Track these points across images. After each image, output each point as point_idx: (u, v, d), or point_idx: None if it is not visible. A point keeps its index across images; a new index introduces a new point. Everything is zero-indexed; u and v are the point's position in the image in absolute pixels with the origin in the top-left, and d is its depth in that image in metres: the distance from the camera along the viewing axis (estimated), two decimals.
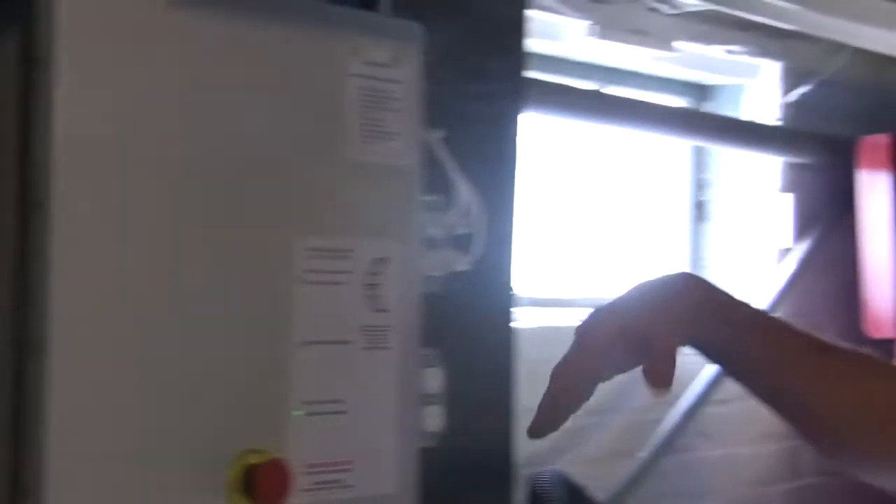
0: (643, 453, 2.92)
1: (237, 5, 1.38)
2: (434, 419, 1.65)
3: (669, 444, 2.96)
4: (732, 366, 1.45)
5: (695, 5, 2.75)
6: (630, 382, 1.68)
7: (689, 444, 3.03)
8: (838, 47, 3.18)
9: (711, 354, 1.46)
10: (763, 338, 1.44)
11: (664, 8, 2.93)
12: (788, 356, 1.43)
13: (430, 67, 1.57)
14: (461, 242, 1.72)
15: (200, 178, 1.34)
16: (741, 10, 2.60)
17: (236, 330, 1.36)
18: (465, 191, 1.70)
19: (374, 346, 1.47)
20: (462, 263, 1.71)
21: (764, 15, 2.63)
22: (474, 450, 1.83)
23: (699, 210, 3.48)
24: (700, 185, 3.49)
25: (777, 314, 3.33)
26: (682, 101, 3.43)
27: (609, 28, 2.85)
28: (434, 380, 1.65)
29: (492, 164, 1.89)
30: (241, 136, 1.37)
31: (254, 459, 1.36)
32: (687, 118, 3.26)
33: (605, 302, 1.39)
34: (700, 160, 3.48)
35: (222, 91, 1.36)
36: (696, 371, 2.99)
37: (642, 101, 3.14)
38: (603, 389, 2.54)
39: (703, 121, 3.30)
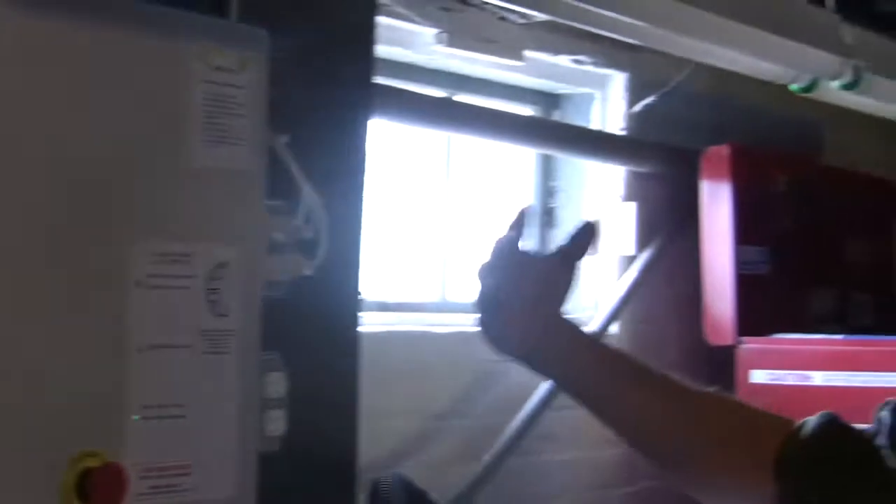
0: (486, 457, 2.95)
1: (81, 8, 1.37)
2: (276, 423, 1.65)
3: (512, 448, 2.99)
4: (576, 389, 1.50)
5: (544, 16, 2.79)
6: (473, 388, 1.71)
7: (531, 447, 3.07)
8: (683, 60, 3.25)
9: (560, 376, 1.51)
10: (605, 364, 1.50)
11: (514, 17, 2.96)
12: (633, 383, 1.49)
13: (279, 73, 1.57)
14: (307, 247, 1.72)
15: (36, 181, 1.33)
16: (589, 24, 2.64)
17: (74, 333, 1.35)
18: (309, 195, 1.71)
19: (214, 351, 1.47)
20: (307, 268, 1.72)
21: (611, 30, 2.67)
22: (317, 454, 1.83)
23: (548, 216, 3.52)
24: (549, 192, 3.53)
25: (620, 320, 3.39)
26: (532, 110, 3.47)
27: (459, 36, 2.88)
28: (277, 384, 1.65)
29: (340, 169, 1.89)
30: (81, 138, 1.36)
31: (90, 463, 1.35)
32: (534, 127, 3.30)
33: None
34: (548, 167, 3.52)
35: (63, 93, 1.35)
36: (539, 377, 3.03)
37: (491, 109, 3.17)
38: (446, 395, 2.61)
39: (550, 130, 3.35)
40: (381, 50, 2.72)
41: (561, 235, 3.48)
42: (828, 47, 3.05)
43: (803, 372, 3.24)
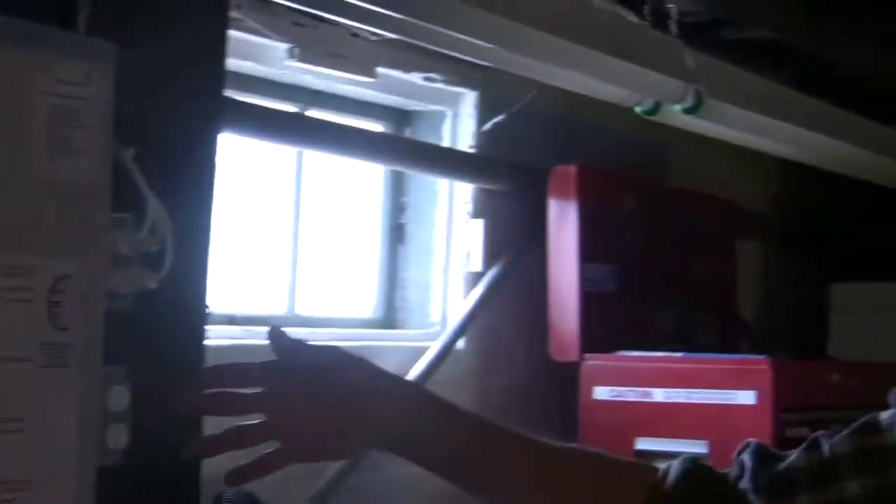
0: (330, 472, 2.95)
1: None
2: (119, 436, 1.64)
3: (357, 463, 2.99)
4: (441, 468, 1.50)
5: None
6: None
7: (376, 462, 3.07)
8: (533, 80, 3.29)
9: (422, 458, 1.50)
10: (467, 436, 1.50)
11: (367, 34, 2.98)
12: (498, 453, 1.49)
13: (128, 85, 1.57)
14: (152, 260, 1.72)
15: None
16: (437, 45, 2.66)
17: None
18: (155, 208, 1.70)
19: (55, 364, 1.46)
20: (151, 281, 1.71)
21: (460, 51, 2.70)
22: (161, 467, 1.82)
23: (398, 233, 3.54)
24: (399, 208, 3.55)
25: (466, 336, 3.42)
26: (383, 126, 3.49)
27: (310, 51, 2.88)
28: (119, 397, 1.64)
29: (188, 182, 1.89)
30: None
31: None
32: (385, 143, 3.32)
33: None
34: (399, 183, 3.54)
35: None
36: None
37: (342, 125, 3.18)
38: None
39: (401, 146, 3.37)
40: (233, 64, 2.73)
41: (410, 252, 3.51)
42: (671, 72, 3.12)
43: (644, 388, 3.31)
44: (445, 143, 3.52)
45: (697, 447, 3.05)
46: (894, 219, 4.96)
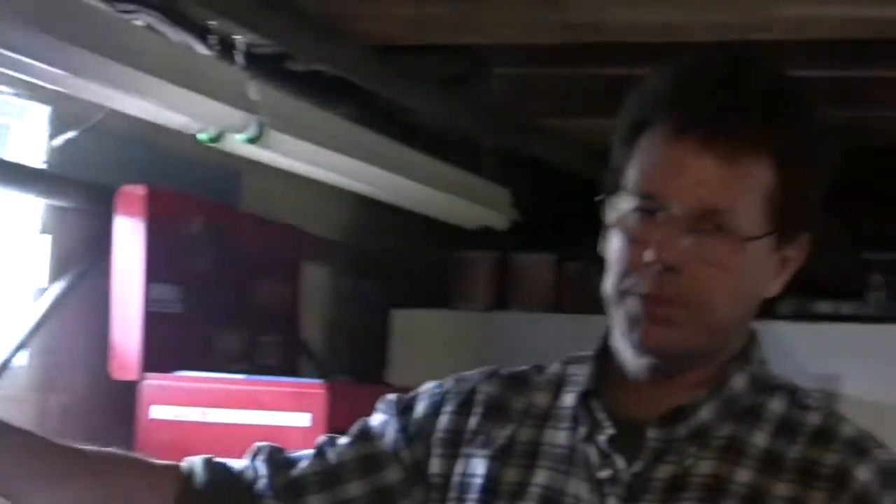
0: None
1: None
2: None
3: None
4: None
5: None
6: None
7: None
8: None
9: None
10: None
11: None
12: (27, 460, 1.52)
13: None
14: None
15: None
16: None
17: None
18: None
19: None
20: None
21: (23, 73, 2.69)
22: None
23: None
24: None
25: (28, 353, 3.38)
26: None
27: None
28: None
29: None
30: None
31: None
32: None
33: None
34: None
35: None
36: None
37: None
38: None
39: None
40: None
41: None
42: (233, 102, 3.19)
43: (202, 409, 3.37)
44: (13, 157, 3.48)
45: None
46: (451, 248, 5.22)
